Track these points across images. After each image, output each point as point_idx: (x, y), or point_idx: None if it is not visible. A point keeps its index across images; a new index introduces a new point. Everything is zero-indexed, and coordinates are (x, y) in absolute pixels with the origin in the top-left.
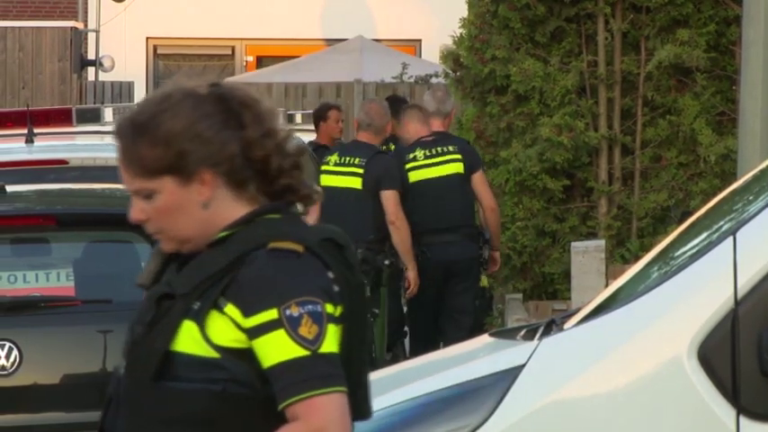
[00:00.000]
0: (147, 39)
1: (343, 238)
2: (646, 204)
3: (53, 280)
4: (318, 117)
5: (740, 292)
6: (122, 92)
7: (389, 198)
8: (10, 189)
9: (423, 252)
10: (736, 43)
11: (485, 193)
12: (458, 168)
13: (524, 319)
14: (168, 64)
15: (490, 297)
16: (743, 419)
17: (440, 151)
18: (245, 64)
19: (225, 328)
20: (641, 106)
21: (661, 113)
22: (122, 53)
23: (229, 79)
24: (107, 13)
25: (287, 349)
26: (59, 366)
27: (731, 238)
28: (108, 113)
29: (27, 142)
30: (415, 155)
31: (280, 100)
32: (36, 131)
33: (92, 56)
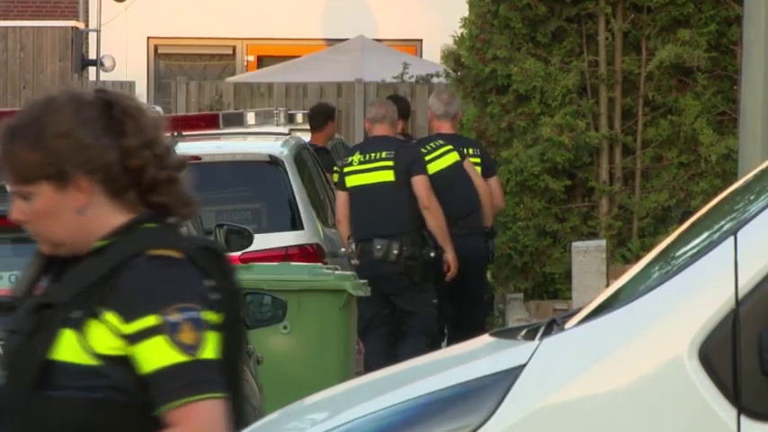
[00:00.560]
0: (148, 38)
1: (221, 247)
2: (647, 204)
3: None
4: (328, 116)
5: (741, 291)
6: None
7: (422, 183)
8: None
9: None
10: (736, 43)
11: (498, 195)
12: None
13: (525, 319)
14: (169, 64)
15: (491, 297)
16: (744, 419)
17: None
18: (245, 64)
19: (104, 335)
20: (642, 106)
21: (662, 113)
22: (123, 53)
23: (230, 79)
24: (108, 12)
25: (166, 355)
26: None
27: (732, 237)
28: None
29: None
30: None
31: (281, 100)
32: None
33: (93, 56)
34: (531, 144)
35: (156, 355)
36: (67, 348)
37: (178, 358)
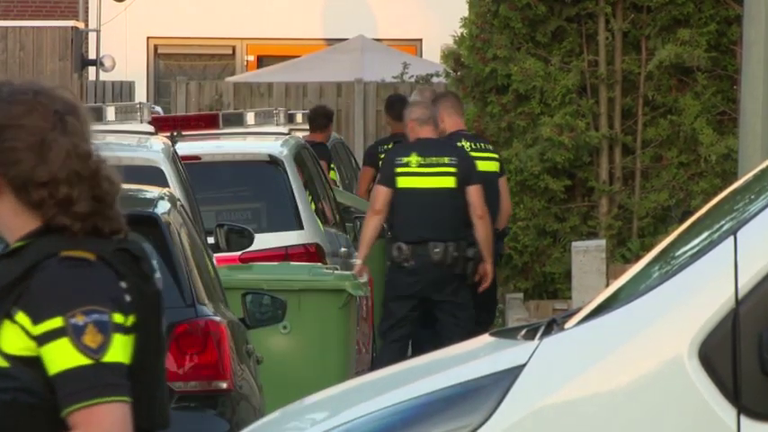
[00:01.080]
0: (148, 38)
1: (139, 249)
2: (646, 204)
3: None
4: (329, 119)
5: (741, 291)
6: (123, 91)
7: (478, 192)
8: None
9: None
10: (736, 43)
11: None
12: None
13: (525, 319)
14: (169, 63)
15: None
16: (744, 419)
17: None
18: (245, 63)
19: (15, 336)
20: (642, 106)
21: (662, 113)
22: (123, 53)
23: (230, 79)
24: (108, 12)
25: (70, 357)
26: None
27: (732, 237)
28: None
29: None
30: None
31: (280, 100)
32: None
33: (92, 55)
34: (530, 144)
35: (61, 358)
36: None
37: (81, 361)
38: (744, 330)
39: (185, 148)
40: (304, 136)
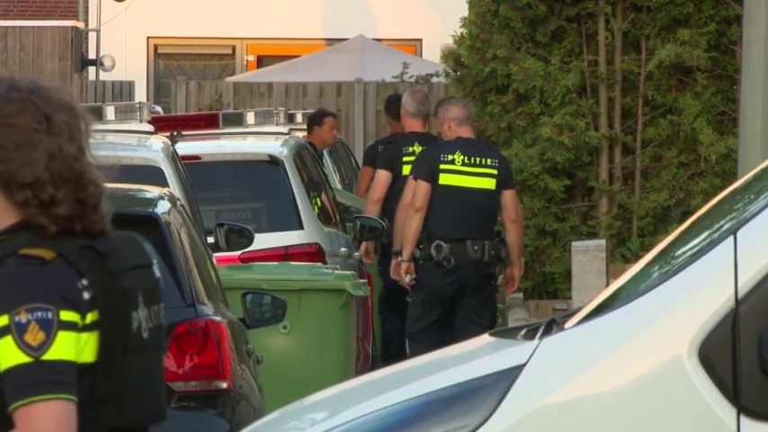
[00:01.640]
0: (148, 38)
1: (107, 246)
2: (646, 204)
3: None
4: (313, 121)
5: (741, 291)
6: (123, 91)
7: (514, 197)
8: None
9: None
10: (736, 43)
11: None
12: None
13: (525, 319)
14: (169, 63)
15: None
16: (743, 419)
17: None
18: (245, 63)
19: None
20: (642, 106)
21: (662, 113)
22: (123, 53)
23: (230, 79)
24: (108, 12)
25: (13, 355)
26: None
27: (732, 237)
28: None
29: None
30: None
31: (280, 99)
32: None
33: (92, 55)
34: (530, 144)
35: (5, 356)
36: None
37: (22, 359)
38: (744, 330)
39: (185, 147)
40: (303, 136)
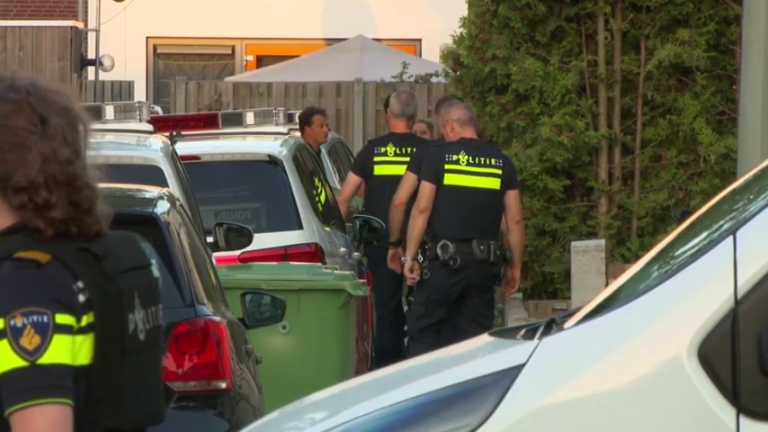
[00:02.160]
0: (147, 38)
1: (103, 248)
2: (646, 204)
3: None
4: (302, 121)
5: (740, 291)
6: (122, 91)
7: (517, 197)
8: None
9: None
10: (736, 42)
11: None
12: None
13: (524, 319)
14: (168, 63)
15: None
16: (743, 419)
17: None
18: (244, 63)
19: None
20: (641, 106)
21: (661, 113)
22: (122, 52)
23: (229, 79)
24: (107, 12)
25: (8, 359)
26: None
27: (731, 237)
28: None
29: None
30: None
31: (280, 99)
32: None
33: (92, 55)
34: (530, 144)
35: (1, 360)
36: None
37: (17, 363)
38: (743, 330)
39: (185, 147)
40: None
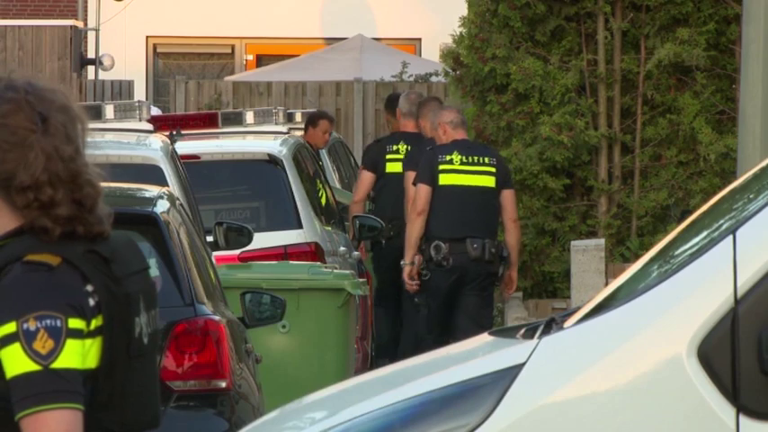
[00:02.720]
0: (147, 37)
1: (110, 250)
2: (645, 203)
3: None
4: (309, 121)
5: (740, 290)
6: (122, 90)
7: (513, 196)
8: None
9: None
10: (735, 42)
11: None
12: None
13: (524, 318)
14: (168, 62)
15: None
16: (743, 418)
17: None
18: (244, 63)
19: None
20: (641, 105)
21: (661, 112)
22: (122, 52)
23: (229, 78)
24: (107, 11)
25: (21, 363)
26: None
27: (731, 236)
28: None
29: None
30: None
31: (279, 99)
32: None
33: (92, 54)
34: (530, 143)
35: (13, 363)
36: None
37: (30, 367)
38: (743, 329)
39: (184, 147)
40: (300, 135)
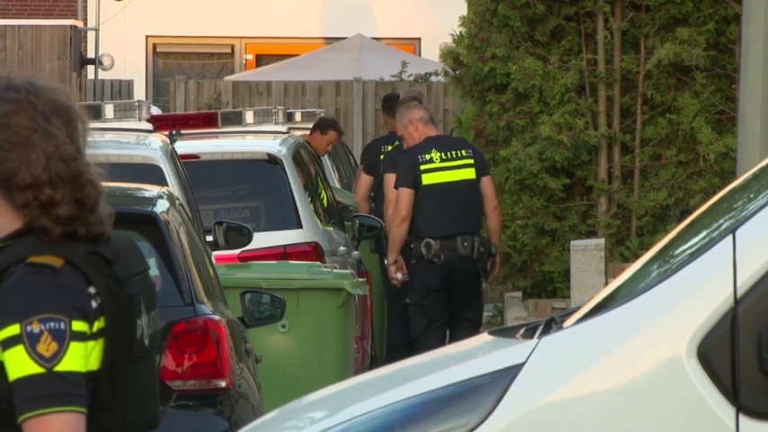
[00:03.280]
0: (147, 37)
1: (112, 252)
2: (645, 203)
3: None
4: (319, 126)
5: (740, 290)
6: (122, 90)
7: (491, 183)
8: None
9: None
10: (735, 42)
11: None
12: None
13: (524, 318)
14: (167, 62)
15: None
16: (742, 418)
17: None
18: (244, 62)
19: None
20: (641, 105)
21: (660, 112)
22: (122, 51)
23: (229, 78)
24: (106, 11)
25: (24, 365)
26: None
27: (731, 236)
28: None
29: None
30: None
31: (279, 98)
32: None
33: (91, 54)
34: (529, 143)
35: (16, 365)
36: None
37: (34, 369)
38: (742, 329)
39: (184, 146)
40: (303, 135)
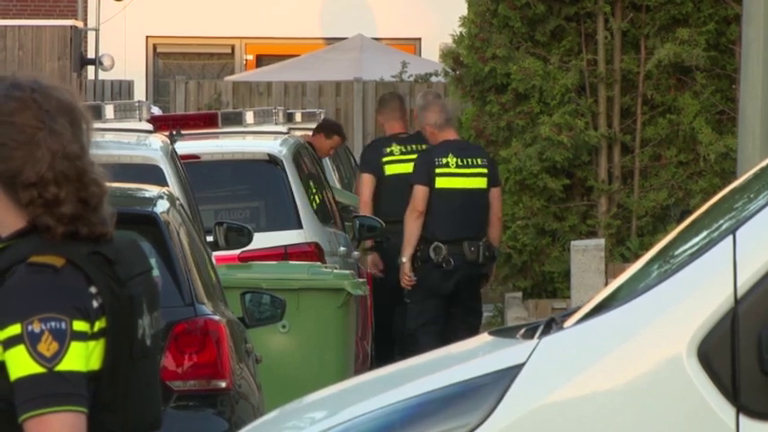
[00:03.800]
0: (147, 37)
1: (114, 252)
2: (645, 203)
3: None
4: (324, 127)
5: (740, 290)
6: (122, 90)
7: (500, 195)
8: None
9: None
10: (735, 42)
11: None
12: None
13: (524, 318)
14: (168, 62)
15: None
16: (743, 418)
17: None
18: (244, 62)
19: None
20: (641, 105)
21: (661, 112)
22: (122, 52)
23: (229, 78)
24: (107, 11)
25: (25, 365)
26: None
27: (731, 236)
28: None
29: None
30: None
31: (279, 99)
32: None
33: (91, 54)
34: (529, 143)
35: (17, 365)
36: None
37: (35, 369)
38: (743, 329)
39: (184, 147)
40: (303, 135)
